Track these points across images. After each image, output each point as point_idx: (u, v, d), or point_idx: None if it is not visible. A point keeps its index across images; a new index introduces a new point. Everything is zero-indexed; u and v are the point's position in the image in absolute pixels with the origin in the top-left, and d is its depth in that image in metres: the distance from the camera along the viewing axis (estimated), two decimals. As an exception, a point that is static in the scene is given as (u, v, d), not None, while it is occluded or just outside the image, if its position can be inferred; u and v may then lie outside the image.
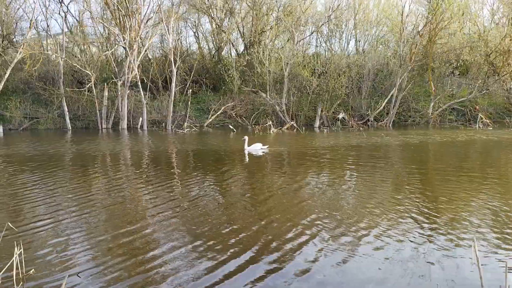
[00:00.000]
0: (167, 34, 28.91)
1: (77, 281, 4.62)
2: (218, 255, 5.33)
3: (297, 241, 5.78)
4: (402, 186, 9.19)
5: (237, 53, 35.08)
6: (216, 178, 10.52)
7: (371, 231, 6.11)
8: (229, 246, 5.63)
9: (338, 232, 6.14)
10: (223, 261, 5.14)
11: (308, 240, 5.82)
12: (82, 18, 33.11)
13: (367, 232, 6.09)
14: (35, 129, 29.14)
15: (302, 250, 5.48)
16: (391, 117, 28.54)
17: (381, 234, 6.00)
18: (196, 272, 4.84)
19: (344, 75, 28.74)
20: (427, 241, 5.71)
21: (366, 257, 5.21)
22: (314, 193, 8.69)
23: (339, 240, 5.80)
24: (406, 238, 5.81)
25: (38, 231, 6.31)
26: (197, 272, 4.83)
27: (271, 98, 28.52)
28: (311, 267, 4.94)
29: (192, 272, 4.84)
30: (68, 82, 29.95)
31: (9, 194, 8.94)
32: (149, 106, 29.42)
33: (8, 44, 30.40)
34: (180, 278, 4.68)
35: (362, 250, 5.41)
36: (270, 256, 5.27)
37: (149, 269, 4.93)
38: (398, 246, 5.53)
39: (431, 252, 5.31)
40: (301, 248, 5.54)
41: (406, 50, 28.47)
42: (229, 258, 5.23)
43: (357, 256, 5.24)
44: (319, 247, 5.56)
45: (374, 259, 5.14)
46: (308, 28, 34.46)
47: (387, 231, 6.10)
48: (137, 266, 5.01)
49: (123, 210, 7.51)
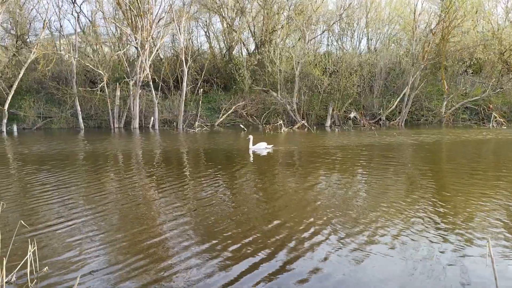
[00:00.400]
0: (179, 33, 29.04)
1: (90, 279, 4.65)
2: (230, 253, 5.32)
3: (310, 240, 5.75)
4: (416, 186, 9.10)
5: (248, 52, 35.09)
6: (227, 177, 10.53)
7: (385, 231, 6.06)
8: (242, 244, 5.62)
9: (352, 231, 6.09)
10: (236, 259, 5.13)
11: (321, 239, 5.79)
12: (94, 18, 33.42)
13: (382, 231, 6.04)
14: (48, 128, 29.47)
15: (316, 249, 5.44)
16: (403, 116, 28.33)
17: (395, 233, 5.94)
18: (209, 271, 4.83)
19: (356, 74, 28.58)
20: (441, 241, 5.64)
21: (381, 256, 5.15)
22: (326, 192, 8.65)
23: (354, 239, 5.76)
24: (420, 238, 5.74)
25: (52, 229, 6.37)
26: (210, 271, 4.82)
27: (282, 97, 28.47)
28: (325, 267, 4.91)
29: (205, 271, 4.83)
30: (81, 82, 30.24)
31: (23, 192, 9.04)
32: (160, 106, 29.57)
33: (22, 44, 30.76)
34: (193, 277, 4.68)
35: (377, 250, 5.36)
36: (284, 255, 5.25)
37: (161, 268, 4.94)
38: (412, 246, 5.47)
39: (446, 252, 5.25)
40: (315, 247, 5.51)
41: (418, 48, 28.24)
42: (242, 256, 5.22)
43: (372, 255, 5.19)
44: (333, 246, 5.52)
45: (388, 258, 5.09)
46: (319, 27, 34.36)
47: (401, 231, 6.04)
48: (150, 265, 5.02)
49: (135, 209, 7.54)
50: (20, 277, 4.66)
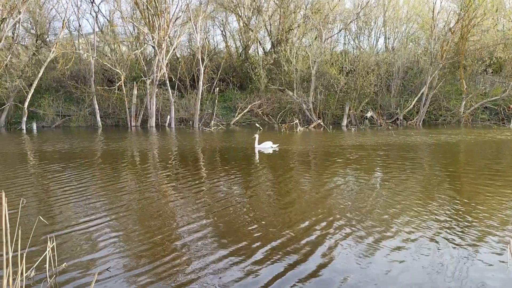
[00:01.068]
0: (195, 33, 29.17)
1: (108, 275, 4.70)
2: (245, 250, 5.32)
3: (325, 239, 5.71)
4: (433, 186, 8.97)
5: (264, 51, 35.09)
6: (244, 176, 10.53)
7: (401, 232, 5.99)
8: (255, 243, 5.61)
9: (370, 231, 6.03)
10: (250, 256, 5.13)
11: (338, 238, 5.74)
12: (112, 18, 33.77)
13: (397, 232, 5.97)
14: (67, 126, 29.91)
15: (333, 248, 5.41)
16: (421, 116, 27.99)
17: (411, 234, 5.86)
18: (225, 269, 4.84)
19: (373, 73, 28.34)
20: (459, 240, 5.55)
21: (395, 257, 5.10)
22: (341, 193, 8.59)
23: (369, 239, 5.71)
24: (438, 238, 5.66)
25: (70, 226, 6.45)
26: (226, 270, 4.83)
27: (298, 96, 28.39)
28: (340, 265, 4.87)
29: (221, 269, 4.84)
30: (99, 81, 30.62)
31: (43, 189, 9.19)
32: (176, 104, 29.76)
33: (42, 43, 31.25)
34: (210, 275, 4.69)
35: (392, 251, 5.30)
36: (298, 254, 5.23)
37: (176, 265, 4.96)
38: (429, 246, 5.39)
39: (463, 254, 5.16)
40: (329, 246, 5.47)
41: (437, 47, 27.86)
42: (255, 254, 5.21)
43: (387, 256, 5.14)
44: (348, 246, 5.47)
45: (403, 259, 5.04)
46: (336, 26, 34.17)
47: (418, 231, 5.96)
48: (165, 261, 5.05)
49: (152, 207, 7.60)
50: (38, 272, 4.73)
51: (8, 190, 8.90)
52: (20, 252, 3.93)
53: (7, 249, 3.20)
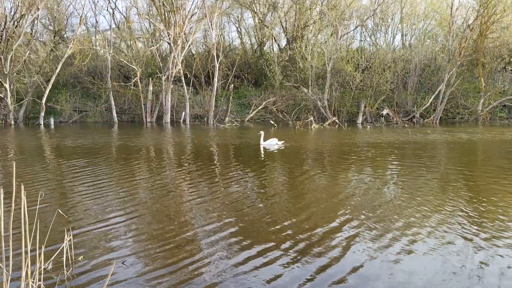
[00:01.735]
0: (210, 29, 29.21)
1: (124, 269, 4.74)
2: (260, 249, 5.32)
3: (339, 238, 5.68)
4: (450, 185, 8.85)
5: (279, 48, 34.97)
6: (257, 172, 10.53)
7: (416, 232, 5.92)
8: (269, 240, 5.61)
9: (385, 231, 5.98)
10: (264, 254, 5.13)
11: (352, 235, 5.71)
12: (129, 14, 33.98)
13: (412, 232, 5.91)
14: (83, 122, 30.27)
15: (347, 246, 5.37)
16: (438, 114, 27.62)
17: (427, 234, 5.79)
18: (239, 265, 4.84)
19: (389, 70, 28.05)
20: (475, 243, 5.46)
21: (411, 257, 5.05)
22: (357, 189, 8.53)
23: (384, 238, 5.66)
24: (454, 237, 5.59)
25: (87, 220, 6.53)
26: (240, 266, 4.83)
27: (313, 93, 28.26)
28: (353, 266, 4.84)
29: (236, 266, 4.85)
30: (115, 77, 30.86)
31: (61, 183, 9.31)
32: (191, 101, 29.87)
33: (59, 39, 31.64)
34: (224, 271, 4.70)
35: (407, 250, 5.24)
36: (313, 252, 5.21)
37: (191, 259, 4.98)
38: (444, 247, 5.32)
39: (479, 254, 5.08)
40: (343, 245, 5.44)
41: (455, 44, 27.42)
42: (269, 252, 5.21)
43: (401, 255, 5.09)
44: (362, 246, 5.43)
45: (419, 259, 4.98)
46: (352, 22, 33.82)
47: (433, 232, 5.88)
48: (180, 256, 5.08)
49: (167, 203, 7.65)
50: (56, 265, 4.80)
51: (27, 183, 9.03)
52: (38, 244, 3.98)
53: (25, 241, 3.24)
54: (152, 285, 4.37)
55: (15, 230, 5.54)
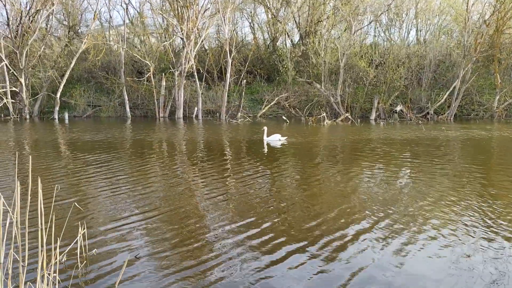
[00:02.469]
0: (223, 24, 29.19)
1: (137, 263, 4.77)
2: (272, 244, 5.32)
3: (355, 237, 5.65)
4: (464, 183, 8.74)
5: (292, 43, 34.83)
6: (270, 168, 10.52)
7: (430, 228, 5.87)
8: (281, 236, 5.61)
9: (397, 228, 5.93)
10: (276, 250, 5.12)
11: (363, 233, 5.68)
12: (142, 10, 34.12)
13: (426, 229, 5.86)
14: (97, 116, 30.52)
15: (358, 244, 5.34)
16: (452, 110, 27.29)
17: (440, 233, 5.73)
18: (249, 261, 4.85)
19: (403, 66, 27.77)
20: (489, 241, 5.39)
21: (425, 256, 5.00)
22: (368, 187, 8.47)
23: (397, 235, 5.61)
24: (466, 237, 5.52)
25: (101, 213, 6.59)
26: (250, 262, 4.84)
27: (325, 89, 28.11)
28: (366, 265, 4.81)
29: (246, 261, 4.85)
30: (129, 72, 31.05)
31: (75, 177, 9.40)
32: (204, 96, 29.93)
33: (74, 35, 31.91)
34: (235, 265, 4.71)
35: (421, 249, 5.20)
36: (324, 250, 5.19)
37: (205, 254, 5.00)
38: (459, 247, 5.26)
39: (494, 255, 5.01)
40: (359, 244, 5.41)
41: (470, 40, 27.03)
42: (280, 249, 5.21)
43: (416, 252, 5.05)
44: (375, 244, 5.40)
45: (433, 258, 4.93)
46: (366, 17, 33.52)
47: (447, 231, 5.82)
48: (193, 250, 5.10)
49: (180, 197, 7.68)
50: (70, 257, 4.85)
51: (43, 177, 9.14)
52: (53, 237, 4.02)
53: (41, 233, 3.27)
54: (166, 279, 4.39)
55: (31, 222, 5.61)
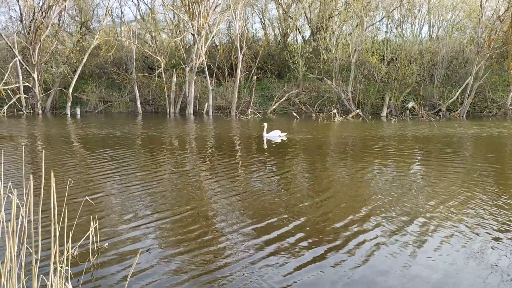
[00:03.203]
0: (234, 20, 29.13)
1: (148, 257, 4.81)
2: (278, 241, 5.32)
3: (365, 235, 5.62)
4: (475, 182, 8.65)
5: (303, 39, 34.67)
6: (279, 165, 10.51)
7: (439, 227, 5.82)
8: (290, 233, 5.61)
9: (407, 226, 5.90)
10: (285, 247, 5.13)
11: (371, 231, 5.66)
12: (153, 5, 34.17)
13: (439, 229, 5.82)
14: (108, 112, 30.73)
15: (370, 244, 5.32)
16: (465, 108, 26.99)
17: (451, 232, 5.69)
18: (262, 262, 4.86)
19: (416, 63, 27.50)
20: (502, 242, 5.34)
21: (437, 256, 4.97)
22: (378, 185, 8.43)
23: (406, 234, 5.58)
24: (478, 238, 5.46)
25: (112, 208, 6.65)
26: (261, 257, 4.85)
27: (336, 85, 27.97)
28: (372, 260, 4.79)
29: (254, 256, 4.87)
30: (140, 68, 31.17)
31: (88, 172, 9.49)
32: (214, 92, 29.94)
33: (86, 30, 32.11)
34: (244, 263, 4.72)
35: (434, 249, 5.16)
36: (333, 248, 5.18)
37: (216, 249, 5.02)
38: (469, 246, 5.21)
39: (507, 254, 4.96)
40: (369, 242, 5.39)
41: (484, 36, 26.66)
42: (289, 246, 5.21)
43: (425, 252, 5.02)
44: (388, 242, 5.37)
45: (445, 258, 4.90)
46: (378, 13, 33.21)
47: (458, 230, 5.78)
48: (205, 245, 5.12)
49: (191, 192, 7.72)
50: (82, 251, 4.90)
51: (55, 171, 9.23)
52: (66, 231, 4.06)
53: (54, 227, 3.31)
54: (177, 274, 4.42)
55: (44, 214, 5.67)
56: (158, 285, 4.18)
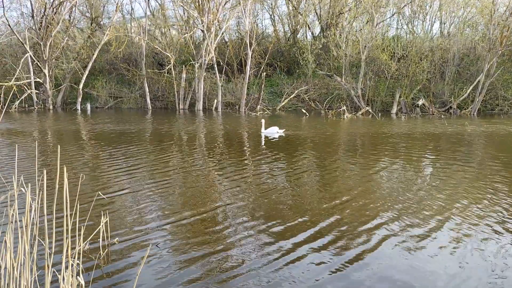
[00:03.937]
0: (244, 16, 29.08)
1: (158, 252, 4.85)
2: (290, 238, 5.33)
3: (373, 234, 5.61)
4: (486, 180, 8.58)
5: (312, 35, 34.54)
6: (288, 162, 10.51)
7: (448, 227, 5.79)
8: (297, 231, 5.61)
9: (416, 225, 5.88)
10: (294, 244, 5.13)
11: (379, 231, 5.64)
12: (163, 2, 34.31)
13: (447, 228, 5.79)
14: (118, 107, 30.91)
15: (378, 244, 5.31)
16: (476, 105, 26.74)
17: (456, 229, 5.66)
18: (265, 253, 4.87)
19: (426, 59, 27.27)
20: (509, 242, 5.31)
21: (445, 255, 4.94)
22: (388, 183, 8.40)
23: (417, 234, 5.56)
24: (488, 237, 5.43)
25: (123, 203, 6.70)
26: (266, 254, 4.86)
27: (346, 82, 27.85)
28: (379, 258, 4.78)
29: (260, 250, 4.88)
30: (149, 64, 31.26)
31: (99, 167, 9.57)
32: (223, 88, 29.95)
33: (96, 26, 32.27)
34: (253, 258, 4.74)
35: (441, 248, 5.14)
36: (342, 247, 5.18)
37: (225, 244, 5.04)
38: (479, 245, 5.18)
39: None
40: (377, 241, 5.38)
41: (496, 33, 26.34)
42: (297, 243, 5.22)
43: (436, 253, 5.00)
44: (397, 241, 5.36)
45: (453, 257, 4.88)
46: (389, 10, 32.95)
47: (465, 227, 5.74)
48: (214, 239, 5.15)
49: (201, 188, 7.76)
50: (92, 245, 4.95)
51: (68, 166, 9.31)
52: (78, 225, 4.11)
53: (66, 221, 3.35)
54: (187, 269, 4.45)
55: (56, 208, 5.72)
56: (168, 281, 4.21)
